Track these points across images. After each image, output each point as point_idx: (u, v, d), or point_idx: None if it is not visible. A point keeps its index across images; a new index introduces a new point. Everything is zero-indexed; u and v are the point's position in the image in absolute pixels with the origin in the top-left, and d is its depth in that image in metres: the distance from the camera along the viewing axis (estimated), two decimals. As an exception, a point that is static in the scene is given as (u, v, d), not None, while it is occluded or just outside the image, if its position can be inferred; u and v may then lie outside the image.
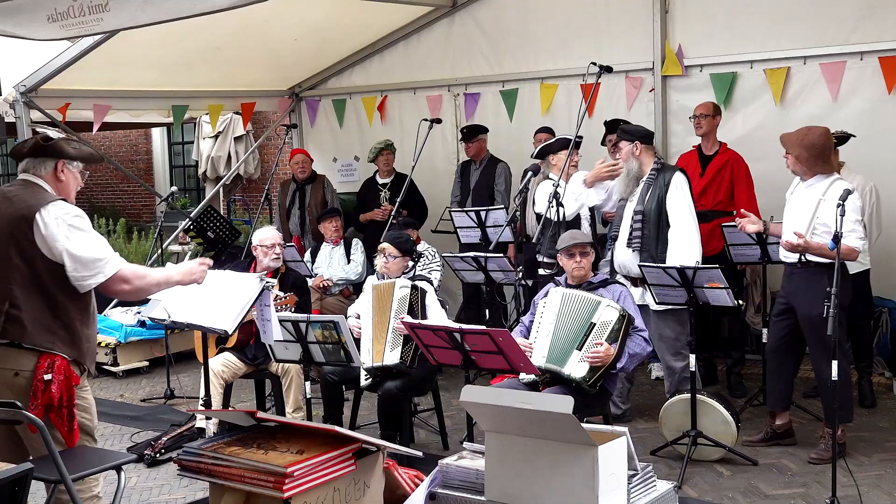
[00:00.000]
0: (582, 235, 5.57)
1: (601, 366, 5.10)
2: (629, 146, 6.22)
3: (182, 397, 7.64)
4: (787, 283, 5.72)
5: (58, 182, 4.14)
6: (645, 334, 5.31)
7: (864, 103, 6.99)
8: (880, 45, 6.93)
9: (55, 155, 4.12)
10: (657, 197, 6.08)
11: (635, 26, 7.90)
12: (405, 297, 5.86)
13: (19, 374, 3.95)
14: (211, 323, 4.94)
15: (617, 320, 5.16)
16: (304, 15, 7.90)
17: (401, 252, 6.12)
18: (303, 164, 8.84)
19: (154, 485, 5.78)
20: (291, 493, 2.49)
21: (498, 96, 8.78)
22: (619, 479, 2.58)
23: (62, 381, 3.95)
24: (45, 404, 3.92)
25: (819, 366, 5.63)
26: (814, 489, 5.23)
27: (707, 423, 5.64)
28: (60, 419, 3.97)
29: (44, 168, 4.12)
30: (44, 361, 3.94)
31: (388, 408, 5.78)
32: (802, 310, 5.57)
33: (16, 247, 3.94)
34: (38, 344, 3.95)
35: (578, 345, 5.16)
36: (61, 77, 7.98)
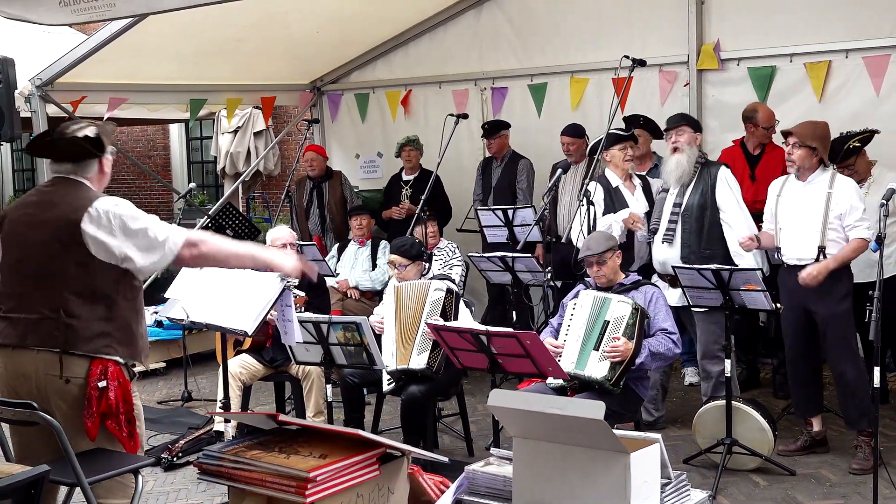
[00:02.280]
0: (596, 244, 5.49)
1: (621, 361, 5.11)
2: (692, 133, 6.20)
3: (200, 400, 7.70)
4: (800, 286, 5.66)
5: (101, 175, 4.05)
6: (675, 336, 5.29)
7: (909, 99, 6.95)
8: (927, 38, 6.90)
9: (102, 151, 3.98)
10: (700, 191, 6.06)
11: (669, 18, 7.88)
12: (439, 300, 5.85)
13: (70, 381, 3.85)
14: (230, 323, 4.97)
15: (630, 315, 5.17)
16: (327, 6, 7.92)
17: (409, 258, 6.15)
18: (311, 161, 8.89)
19: (171, 489, 5.83)
20: (314, 499, 2.50)
21: (526, 91, 8.77)
22: (651, 488, 2.58)
23: (117, 387, 3.87)
24: (102, 412, 3.84)
25: (838, 367, 5.64)
26: (854, 500, 5.20)
27: (742, 430, 5.62)
28: (119, 426, 3.89)
29: (89, 170, 3.98)
30: (96, 368, 3.84)
31: (412, 413, 5.79)
32: (820, 311, 5.57)
33: (66, 253, 3.82)
34: (96, 349, 3.85)
35: (595, 345, 5.18)
36: (77, 70, 8.04)
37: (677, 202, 6.15)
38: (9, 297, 3.98)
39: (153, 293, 8.65)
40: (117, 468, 4.06)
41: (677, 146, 6.17)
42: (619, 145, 6.60)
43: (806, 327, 5.73)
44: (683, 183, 6.15)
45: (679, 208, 6.12)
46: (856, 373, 5.62)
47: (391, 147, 9.54)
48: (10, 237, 3.99)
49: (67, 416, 3.84)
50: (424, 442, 5.84)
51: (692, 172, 6.14)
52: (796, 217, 5.71)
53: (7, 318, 3.96)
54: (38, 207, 3.95)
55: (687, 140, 6.17)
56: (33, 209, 3.97)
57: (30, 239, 3.90)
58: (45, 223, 3.88)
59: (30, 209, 3.98)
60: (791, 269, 5.75)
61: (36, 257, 3.89)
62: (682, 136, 6.18)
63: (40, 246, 3.87)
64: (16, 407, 3.89)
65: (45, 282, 3.86)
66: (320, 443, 2.71)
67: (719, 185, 6.07)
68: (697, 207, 6.07)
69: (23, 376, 3.92)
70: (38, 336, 3.87)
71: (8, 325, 3.95)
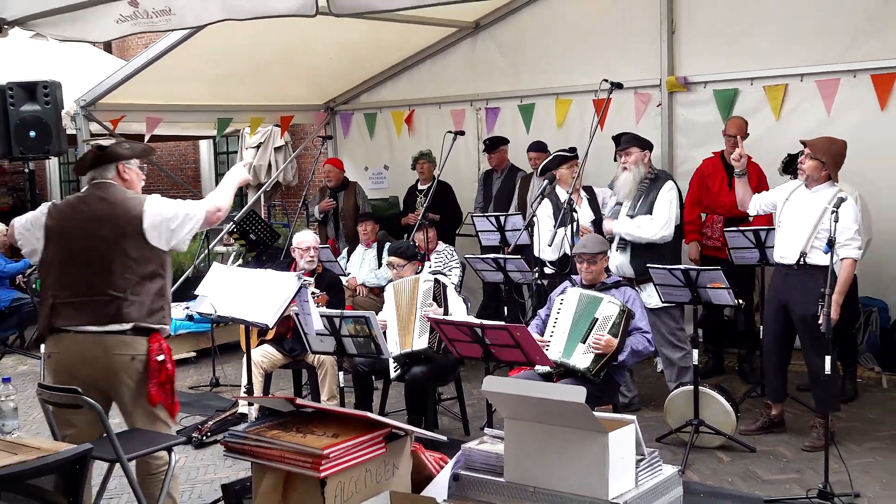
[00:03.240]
0: (592, 245, 5.53)
1: (603, 355, 5.11)
2: (640, 153, 6.21)
3: (226, 385, 7.69)
4: (782, 284, 5.65)
5: (123, 181, 4.22)
6: (649, 336, 5.31)
7: (856, 118, 6.93)
8: (872, 63, 6.88)
9: (113, 159, 4.20)
10: (649, 204, 6.08)
11: (644, 46, 7.88)
12: (429, 289, 5.95)
13: (135, 358, 4.02)
14: (253, 317, 4.97)
15: (617, 315, 5.17)
16: (339, 36, 7.93)
17: (406, 258, 6.20)
18: (328, 173, 8.89)
19: (201, 465, 5.82)
20: (327, 473, 2.50)
21: (516, 110, 8.78)
22: (627, 463, 2.58)
23: (169, 360, 4.08)
24: (160, 382, 4.04)
25: (812, 361, 5.60)
26: (808, 475, 5.20)
27: (708, 412, 5.62)
28: (166, 394, 4.09)
29: (108, 172, 4.19)
30: (154, 343, 4.05)
31: (415, 392, 5.81)
32: (798, 309, 5.53)
33: (129, 242, 4.03)
34: (155, 321, 4.06)
35: (583, 338, 5.18)
36: (117, 92, 8.05)
37: (629, 214, 6.17)
38: (69, 285, 4.05)
39: (185, 291, 8.66)
40: (154, 446, 4.08)
41: (626, 166, 6.21)
42: (566, 164, 6.66)
43: (783, 322, 5.70)
44: (634, 196, 6.15)
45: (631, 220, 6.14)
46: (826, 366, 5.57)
47: (396, 160, 9.55)
48: (71, 231, 4.08)
49: (134, 389, 4.03)
50: (426, 422, 5.84)
51: (639, 188, 6.15)
52: (793, 221, 5.58)
53: (69, 304, 4.03)
54: (91, 207, 4.10)
55: (634, 160, 6.18)
56: (87, 209, 4.10)
57: (93, 233, 4.03)
58: (105, 219, 4.05)
59: (83, 209, 4.11)
60: (777, 267, 5.71)
61: (100, 248, 4.02)
62: (630, 157, 6.20)
63: (105, 240, 4.02)
64: (62, 391, 3.91)
65: (112, 268, 4.01)
66: (333, 424, 2.71)
67: (660, 196, 6.08)
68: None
69: (87, 359, 4.01)
70: (107, 316, 3.99)
71: (72, 309, 4.02)
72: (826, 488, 4.72)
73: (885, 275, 6.75)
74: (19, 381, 8.08)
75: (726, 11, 7.49)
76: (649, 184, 6.17)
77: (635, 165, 6.19)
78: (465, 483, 2.71)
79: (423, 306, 5.84)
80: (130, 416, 4.15)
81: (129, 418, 4.16)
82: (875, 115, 6.90)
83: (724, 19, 7.52)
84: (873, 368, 7.08)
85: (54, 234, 4.11)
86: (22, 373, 8.65)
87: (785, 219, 5.64)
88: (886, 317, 7.10)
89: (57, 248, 4.10)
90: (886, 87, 6.84)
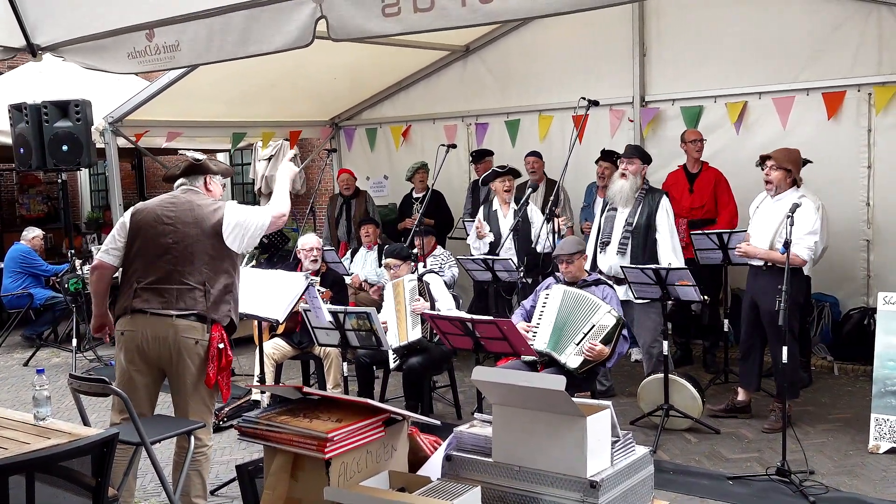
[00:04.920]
0: (569, 246, 5.51)
1: (593, 361, 5.08)
2: (640, 165, 6.14)
3: (241, 375, 7.66)
4: (753, 283, 5.67)
5: (208, 192, 4.34)
6: (625, 333, 5.27)
7: (809, 132, 6.95)
8: (823, 82, 6.92)
9: (205, 171, 4.35)
10: (647, 213, 6.02)
11: (618, 67, 7.89)
12: (414, 287, 5.99)
13: (198, 342, 4.08)
14: (265, 313, 4.96)
15: (613, 326, 5.11)
16: (343, 59, 7.92)
17: (401, 259, 6.20)
18: (346, 181, 8.89)
19: (218, 447, 5.80)
20: (332, 455, 2.48)
21: (503, 125, 8.78)
22: (603, 444, 2.57)
23: (227, 349, 4.14)
24: (220, 367, 4.11)
25: (775, 351, 5.62)
26: (767, 454, 5.20)
27: (678, 398, 5.62)
28: (224, 380, 4.15)
29: (197, 182, 4.32)
30: (216, 332, 4.10)
31: (412, 381, 5.80)
32: (765, 305, 5.55)
33: (210, 241, 4.12)
34: (220, 313, 4.13)
35: (578, 340, 5.13)
36: (142, 109, 8.03)
37: (629, 221, 6.08)
38: (153, 272, 4.12)
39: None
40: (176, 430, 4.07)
41: (625, 173, 6.11)
42: (498, 179, 7.10)
43: (755, 318, 5.71)
44: (631, 204, 6.10)
45: (630, 226, 6.08)
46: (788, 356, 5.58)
47: (395, 170, 9.54)
48: (159, 226, 4.16)
49: (196, 370, 4.09)
50: (422, 408, 5.84)
51: (633, 196, 6.08)
52: (760, 226, 5.65)
53: (153, 289, 4.11)
54: (180, 208, 4.20)
55: (634, 170, 6.09)
56: (177, 209, 4.20)
57: (180, 229, 4.13)
58: (192, 220, 4.15)
59: (172, 208, 4.21)
60: (752, 268, 5.73)
61: (185, 242, 4.12)
62: (632, 166, 6.09)
63: (190, 237, 4.12)
64: (92, 381, 3.90)
65: (193, 261, 4.11)
66: (337, 410, 2.69)
67: (660, 212, 6.03)
68: (644, 227, 6.04)
69: (160, 338, 4.09)
70: (183, 303, 4.08)
71: (154, 294, 4.10)
72: (784, 466, 4.73)
73: (835, 273, 6.77)
74: (52, 373, 8.05)
75: (692, 36, 7.51)
76: (645, 194, 6.09)
77: (634, 175, 6.10)
78: (457, 463, 2.70)
79: (412, 302, 5.89)
80: (183, 395, 4.16)
81: (181, 397, 4.17)
82: (826, 129, 6.93)
83: (690, 43, 7.53)
84: (826, 358, 7.10)
85: (141, 229, 4.19)
86: (55, 364, 8.62)
87: (754, 225, 5.71)
88: (837, 311, 7.12)
89: (144, 240, 4.18)
90: (836, 104, 6.88)
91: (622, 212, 6.12)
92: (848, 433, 5.51)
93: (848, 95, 6.84)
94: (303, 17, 4.03)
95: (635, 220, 6.04)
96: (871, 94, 6.76)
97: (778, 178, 5.53)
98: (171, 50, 4.51)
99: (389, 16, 3.64)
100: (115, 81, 9.01)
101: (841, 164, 6.70)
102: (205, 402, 4.18)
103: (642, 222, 6.02)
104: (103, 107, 8.14)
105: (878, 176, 6.84)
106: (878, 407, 5.27)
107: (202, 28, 4.43)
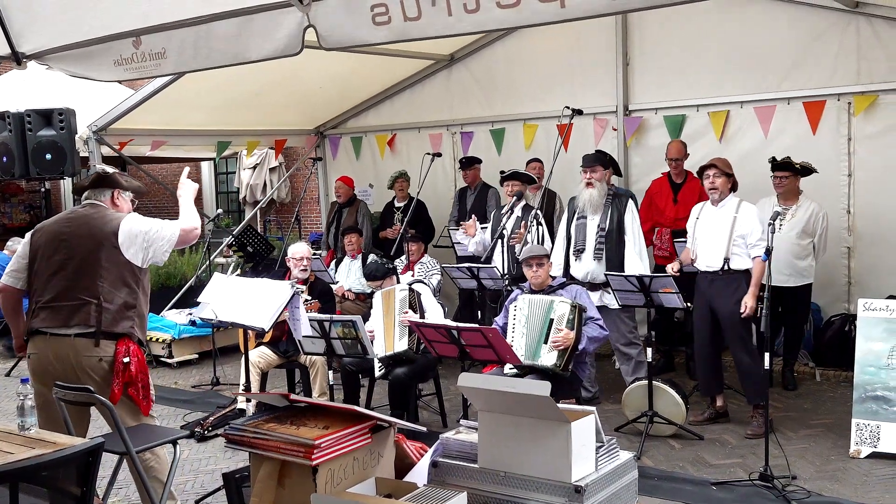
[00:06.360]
0: (538, 249, 5.58)
1: (565, 348, 5.13)
2: (604, 171, 6.23)
3: (226, 384, 7.64)
4: (708, 288, 5.76)
5: (115, 207, 4.26)
6: (601, 322, 5.33)
7: (790, 140, 7.03)
8: (804, 92, 7.01)
9: (111, 185, 4.27)
10: (616, 218, 6.12)
11: (602, 77, 7.95)
12: (405, 297, 5.95)
13: (102, 359, 4.02)
14: (251, 322, 4.95)
15: (570, 311, 5.20)
16: (329, 68, 7.94)
17: (378, 279, 6.20)
18: (337, 189, 8.91)
19: (203, 456, 5.79)
20: (319, 461, 2.49)
21: (488, 134, 8.81)
22: (588, 450, 2.59)
23: (137, 362, 4.07)
24: (125, 382, 4.03)
25: (738, 355, 5.70)
26: (750, 459, 5.24)
27: (661, 405, 5.66)
28: (137, 392, 4.08)
29: (103, 196, 4.25)
30: (121, 347, 4.04)
31: (397, 391, 5.79)
32: (724, 309, 5.64)
33: (104, 253, 4.04)
34: (122, 330, 4.05)
35: (545, 339, 5.20)
36: (127, 118, 8.01)
37: (602, 226, 6.16)
38: (51, 289, 4.08)
39: (187, 298, 8.60)
40: (159, 440, 4.06)
41: (590, 182, 6.19)
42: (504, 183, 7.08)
43: (711, 323, 5.79)
44: (601, 211, 6.17)
45: (604, 231, 6.15)
46: (750, 360, 5.67)
47: (380, 179, 9.54)
48: (54, 243, 4.12)
49: (99, 387, 3.99)
50: (407, 416, 5.84)
51: (602, 203, 6.17)
52: (708, 234, 5.77)
53: (49, 308, 4.06)
54: (76, 221, 4.14)
55: (598, 177, 6.19)
56: (72, 223, 4.14)
57: (74, 243, 4.06)
58: (87, 233, 4.07)
59: (68, 223, 4.16)
60: (703, 274, 5.81)
61: (80, 257, 4.05)
62: (595, 174, 6.19)
63: (84, 250, 4.05)
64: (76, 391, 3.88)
65: (87, 276, 4.03)
66: (324, 417, 2.71)
67: (627, 215, 6.14)
68: (616, 231, 6.13)
69: (60, 359, 4.03)
70: (78, 318, 4.01)
71: (50, 312, 4.06)
72: (767, 471, 4.78)
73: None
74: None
75: (675, 46, 7.58)
76: (612, 198, 6.19)
77: (599, 182, 6.20)
78: (443, 469, 2.71)
79: (401, 313, 5.86)
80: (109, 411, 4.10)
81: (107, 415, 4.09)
82: (807, 137, 7.01)
83: (672, 53, 7.61)
84: (808, 364, 7.16)
85: (40, 247, 4.15)
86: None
87: (700, 234, 5.83)
88: (819, 318, 7.19)
89: (42, 259, 4.14)
90: (816, 113, 6.96)
91: (592, 219, 6.22)
92: (829, 438, 5.56)
93: (828, 104, 6.93)
94: (290, 26, 4.05)
95: (607, 224, 6.14)
96: (851, 104, 6.85)
97: (722, 184, 5.72)
98: (158, 57, 4.51)
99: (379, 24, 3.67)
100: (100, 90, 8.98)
101: (822, 172, 6.76)
102: (130, 414, 4.11)
103: (614, 227, 6.12)
104: (87, 115, 8.10)
105: (859, 184, 6.93)
106: (858, 412, 5.33)
107: (189, 35, 4.43)
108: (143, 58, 4.65)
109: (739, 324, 5.63)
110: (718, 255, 5.69)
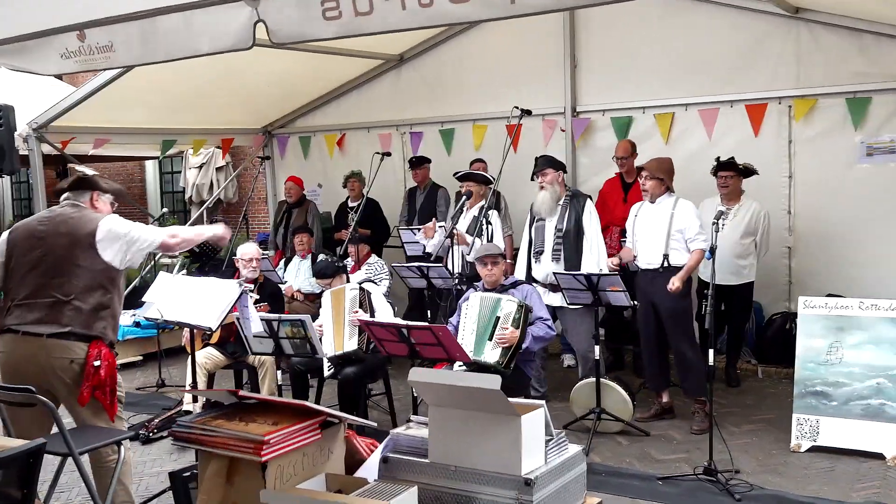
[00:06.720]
0: (493, 247, 5.62)
1: (509, 347, 5.17)
2: (555, 173, 6.29)
3: (171, 386, 7.53)
4: (649, 286, 5.87)
5: (94, 209, 4.23)
6: (549, 322, 5.38)
7: (733, 142, 7.17)
8: (746, 95, 7.16)
9: (91, 188, 4.27)
10: (574, 218, 6.17)
11: (550, 78, 8.02)
12: (355, 296, 5.92)
13: (73, 361, 3.97)
14: (198, 321, 4.88)
15: (517, 310, 5.24)
16: (276, 66, 7.87)
17: (328, 277, 6.16)
18: (288, 189, 8.83)
19: (148, 459, 5.69)
20: (268, 458, 2.48)
21: (437, 134, 8.83)
22: (538, 443, 2.62)
23: (108, 365, 4.01)
24: (94, 385, 3.98)
25: (679, 349, 5.81)
26: (695, 454, 5.34)
27: (609, 402, 5.73)
28: (104, 395, 4.02)
29: (82, 197, 4.23)
30: (93, 350, 3.98)
31: (347, 391, 5.77)
32: (665, 305, 5.75)
33: (80, 252, 4.00)
34: (95, 330, 4.00)
35: (490, 336, 5.24)
36: (68, 116, 7.83)
37: (559, 227, 6.22)
38: (25, 287, 4.03)
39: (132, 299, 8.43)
40: (103, 441, 3.98)
41: (543, 185, 6.27)
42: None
43: (654, 319, 5.88)
44: (558, 212, 6.23)
45: (561, 232, 6.21)
46: (692, 354, 5.79)
47: (329, 179, 9.50)
48: (31, 240, 4.09)
49: (69, 388, 3.97)
50: (357, 415, 5.79)
51: (557, 205, 6.24)
52: (647, 232, 5.89)
53: (23, 305, 4.01)
54: (55, 220, 4.12)
55: (550, 180, 6.25)
56: (50, 222, 4.12)
57: (52, 241, 4.04)
58: (65, 231, 4.05)
59: (47, 221, 4.14)
60: (644, 272, 5.91)
61: (56, 255, 4.01)
62: (546, 177, 6.26)
63: (60, 247, 4.02)
64: (16, 391, 3.79)
65: (61, 274, 4.00)
66: (273, 413, 2.69)
67: (585, 215, 6.21)
68: (574, 231, 6.19)
69: (29, 358, 3.96)
70: (51, 317, 3.96)
71: (24, 310, 4.00)
72: (711, 466, 4.87)
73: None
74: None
75: (622, 49, 7.69)
76: (570, 200, 6.25)
77: (551, 185, 6.25)
78: (394, 465, 2.71)
79: (350, 312, 5.82)
80: (76, 412, 4.08)
81: (75, 413, 4.09)
82: (749, 139, 7.17)
83: (619, 56, 7.71)
84: (750, 361, 7.33)
85: (16, 246, 4.11)
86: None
87: (639, 232, 5.95)
88: (761, 316, 7.36)
89: (17, 257, 4.09)
90: (758, 116, 7.12)
91: (550, 220, 6.27)
92: (771, 433, 5.69)
93: (769, 108, 7.09)
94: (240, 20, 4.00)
95: (564, 225, 6.20)
96: (791, 107, 7.03)
97: (653, 187, 5.87)
98: (106, 50, 4.42)
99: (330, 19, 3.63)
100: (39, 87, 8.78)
101: (764, 173, 6.93)
102: (97, 416, 4.06)
103: (572, 227, 6.17)
104: (27, 112, 7.90)
105: (799, 185, 7.11)
106: (799, 407, 5.47)
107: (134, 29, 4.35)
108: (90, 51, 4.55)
109: (681, 317, 5.75)
110: (658, 251, 5.80)
